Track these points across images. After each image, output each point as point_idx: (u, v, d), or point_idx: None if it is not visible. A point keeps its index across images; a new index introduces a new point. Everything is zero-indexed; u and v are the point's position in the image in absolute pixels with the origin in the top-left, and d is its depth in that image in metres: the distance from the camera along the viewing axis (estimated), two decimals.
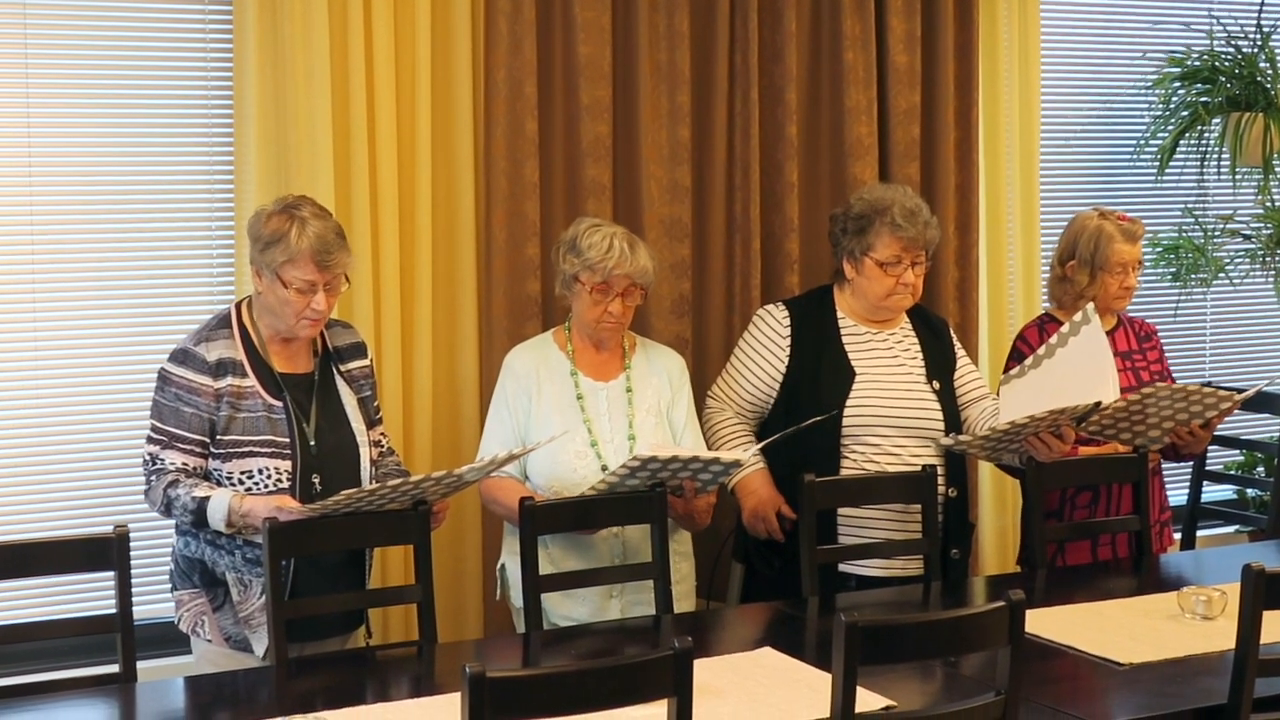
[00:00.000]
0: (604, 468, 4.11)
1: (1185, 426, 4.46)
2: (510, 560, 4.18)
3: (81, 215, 4.44)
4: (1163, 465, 4.81)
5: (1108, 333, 4.70)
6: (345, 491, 3.56)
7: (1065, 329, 4.29)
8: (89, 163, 4.44)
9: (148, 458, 3.74)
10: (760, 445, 4.28)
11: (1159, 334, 4.93)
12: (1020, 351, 4.65)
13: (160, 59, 4.48)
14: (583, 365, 4.24)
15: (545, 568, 3.98)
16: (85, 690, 3.53)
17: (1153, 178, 5.95)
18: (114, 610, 3.58)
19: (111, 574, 3.59)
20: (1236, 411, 4.65)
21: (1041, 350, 4.31)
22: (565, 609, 4.09)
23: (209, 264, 4.56)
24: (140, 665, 3.59)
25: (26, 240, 4.38)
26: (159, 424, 3.73)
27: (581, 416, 4.17)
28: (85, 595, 4.43)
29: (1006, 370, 4.60)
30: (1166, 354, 4.93)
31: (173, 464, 3.70)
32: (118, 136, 4.46)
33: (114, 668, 3.56)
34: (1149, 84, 5.95)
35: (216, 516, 3.63)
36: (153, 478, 3.72)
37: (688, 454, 3.97)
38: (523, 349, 4.30)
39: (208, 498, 3.64)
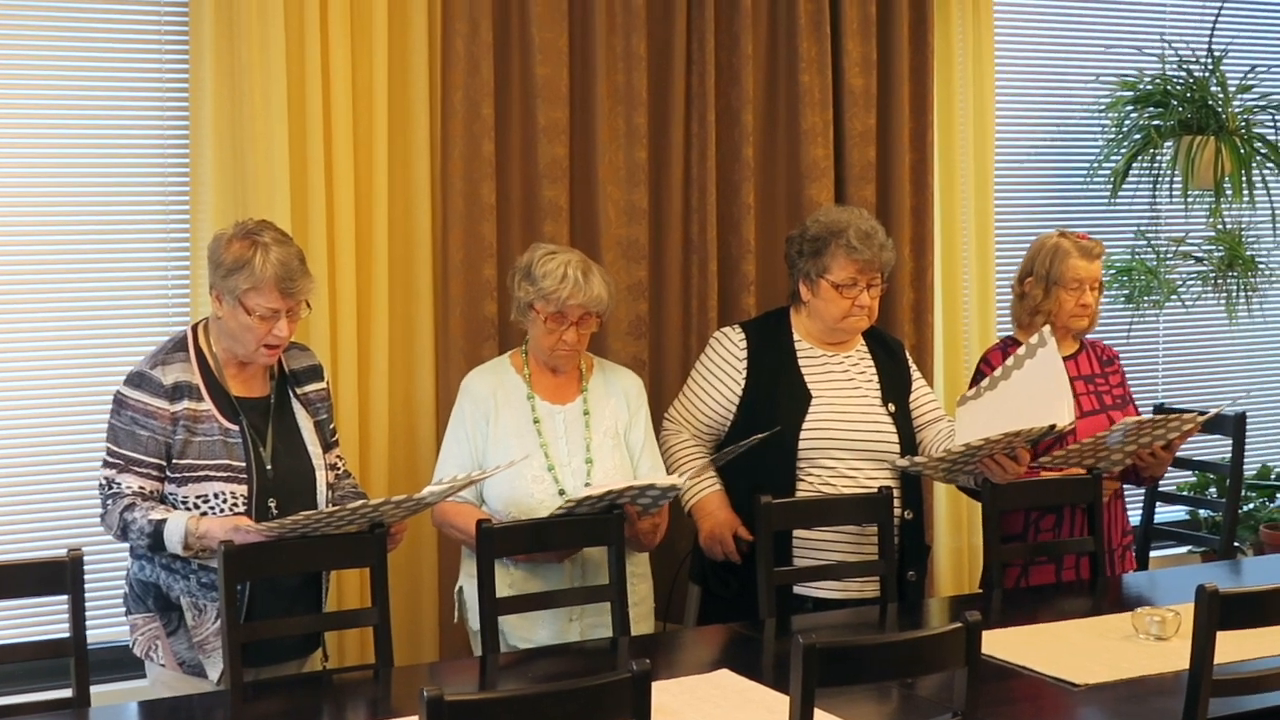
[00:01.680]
0: (561, 491, 4.10)
1: (1147, 449, 4.49)
2: (468, 583, 4.17)
3: (36, 238, 4.41)
4: (1124, 488, 4.83)
5: (1071, 356, 4.74)
6: (304, 512, 3.55)
7: (1021, 351, 4.32)
8: (43, 185, 4.41)
9: (104, 482, 3.71)
10: (695, 468, 4.30)
11: (1122, 358, 4.96)
12: (984, 374, 4.66)
13: (116, 81, 4.46)
14: (539, 389, 4.24)
15: (506, 591, 3.98)
16: (38, 715, 3.52)
17: (1106, 200, 5.99)
18: (68, 634, 3.55)
19: (65, 598, 3.56)
20: None
21: (998, 372, 4.33)
22: (525, 631, 4.08)
23: (165, 287, 4.53)
24: (94, 690, 3.57)
25: None
26: (115, 448, 3.71)
27: (539, 440, 4.17)
28: (39, 619, 4.40)
29: None
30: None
31: (129, 488, 3.67)
32: (72, 159, 4.43)
33: (67, 692, 3.53)
34: (1102, 107, 6.00)
35: (173, 539, 3.61)
36: (109, 502, 3.69)
37: (621, 485, 3.97)
38: (480, 372, 4.30)
39: (164, 520, 3.62)
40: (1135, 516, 5.57)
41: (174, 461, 3.70)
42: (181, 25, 4.45)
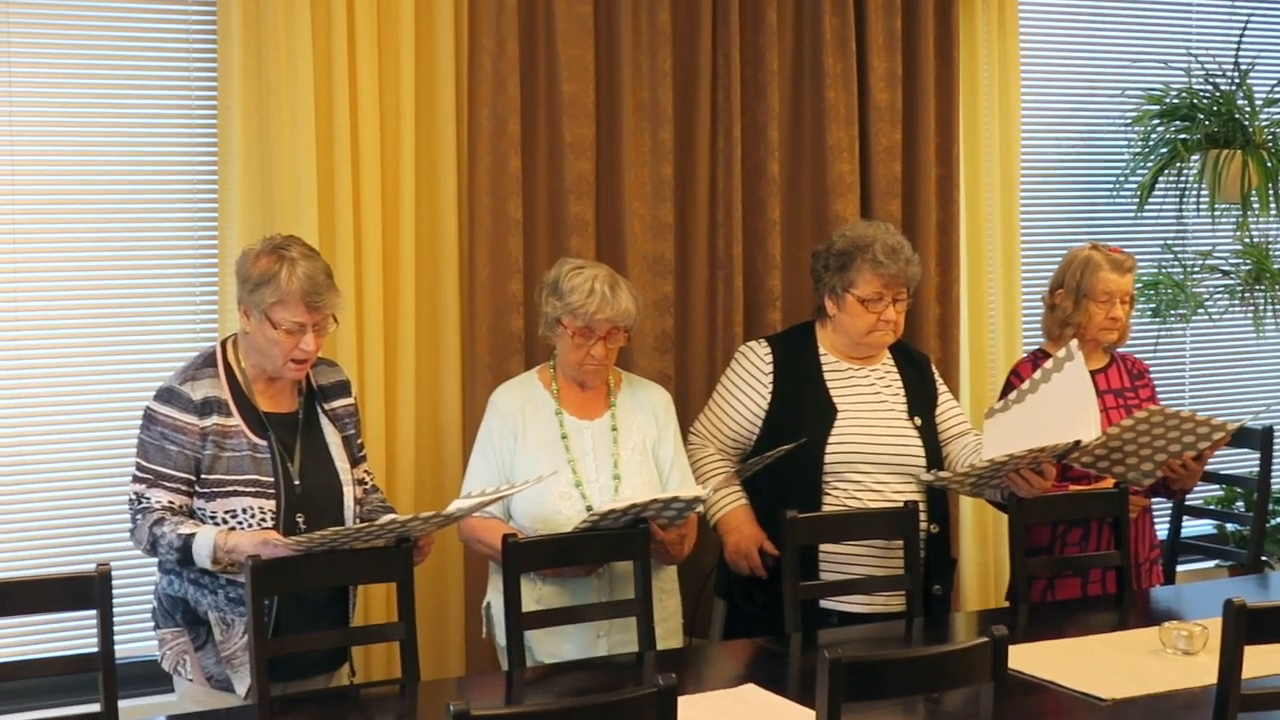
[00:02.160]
0: (589, 508, 4.10)
1: (1178, 459, 4.48)
2: (495, 598, 4.17)
3: (64, 252, 4.44)
4: (1153, 502, 4.81)
5: (1101, 370, 4.74)
6: (332, 529, 3.57)
7: (1049, 365, 4.31)
8: (72, 200, 4.44)
9: (134, 496, 3.73)
10: (717, 480, 4.30)
11: (1151, 372, 4.95)
12: (1014, 386, 4.66)
13: (145, 94, 4.49)
14: (567, 404, 4.24)
15: (533, 606, 3.98)
16: None
17: (1132, 214, 5.98)
18: (96, 649, 3.56)
19: (94, 612, 3.57)
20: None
21: (1025, 385, 4.33)
22: (551, 647, 4.08)
23: (193, 302, 4.56)
24: (122, 704, 3.57)
25: (8, 277, 4.37)
26: (144, 463, 3.72)
27: (566, 456, 4.17)
28: (67, 634, 4.42)
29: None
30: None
31: (159, 502, 3.69)
32: (102, 177, 4.46)
33: (96, 707, 3.53)
34: (1128, 121, 5.99)
35: (202, 553, 3.62)
36: (139, 516, 3.70)
37: (645, 498, 3.97)
38: (508, 387, 4.30)
39: (193, 535, 3.63)
40: (1162, 531, 5.55)
41: (203, 476, 3.71)
42: (210, 42, 4.48)
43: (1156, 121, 5.94)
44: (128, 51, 4.48)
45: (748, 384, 4.48)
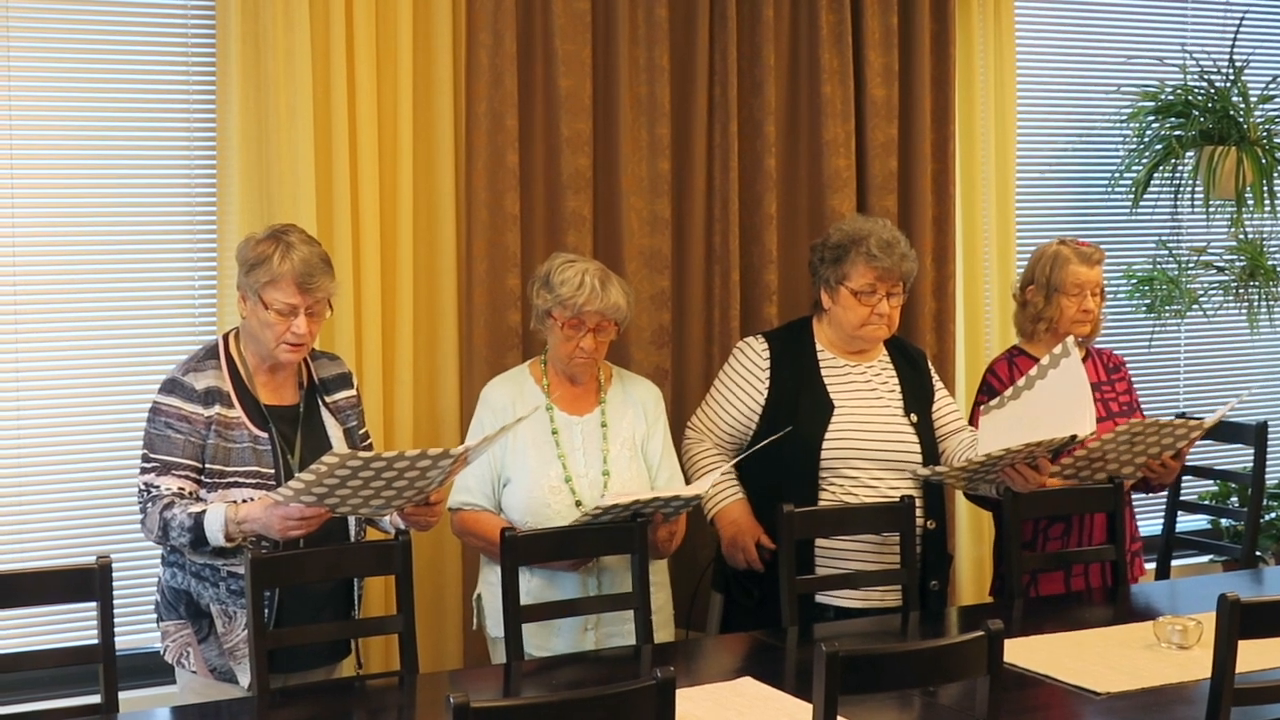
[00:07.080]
0: (578, 502, 4.13)
1: (1157, 459, 4.50)
2: (486, 591, 4.20)
3: (65, 247, 4.45)
4: (1133, 496, 4.83)
5: None
6: (335, 452, 3.45)
7: (1045, 361, 4.32)
8: (72, 195, 4.45)
9: (143, 486, 3.73)
10: (714, 476, 4.31)
11: (1128, 365, 4.97)
12: (990, 385, 4.68)
13: (144, 93, 4.51)
14: (558, 399, 4.25)
15: (523, 599, 3.99)
16: None
17: (1127, 210, 6.00)
18: (97, 640, 3.58)
19: (94, 604, 3.59)
20: (1211, 443, 4.68)
21: (1022, 381, 4.34)
22: (541, 640, 4.09)
23: (192, 296, 4.57)
24: (123, 696, 3.61)
25: (8, 271, 4.38)
26: (150, 453, 3.73)
27: (556, 451, 4.19)
28: (70, 626, 4.43)
29: (978, 403, 4.65)
30: (1138, 385, 4.97)
31: (168, 489, 3.70)
32: (100, 171, 4.48)
33: (96, 698, 3.56)
34: (1123, 118, 6.01)
35: (214, 528, 3.62)
36: (149, 505, 3.71)
37: (648, 495, 4.00)
38: (499, 382, 4.32)
39: (204, 512, 3.64)
40: (1157, 525, 5.58)
41: (206, 466, 3.73)
42: (208, 37, 4.49)
43: (1151, 118, 5.95)
44: (126, 45, 4.49)
45: (745, 380, 4.49)
